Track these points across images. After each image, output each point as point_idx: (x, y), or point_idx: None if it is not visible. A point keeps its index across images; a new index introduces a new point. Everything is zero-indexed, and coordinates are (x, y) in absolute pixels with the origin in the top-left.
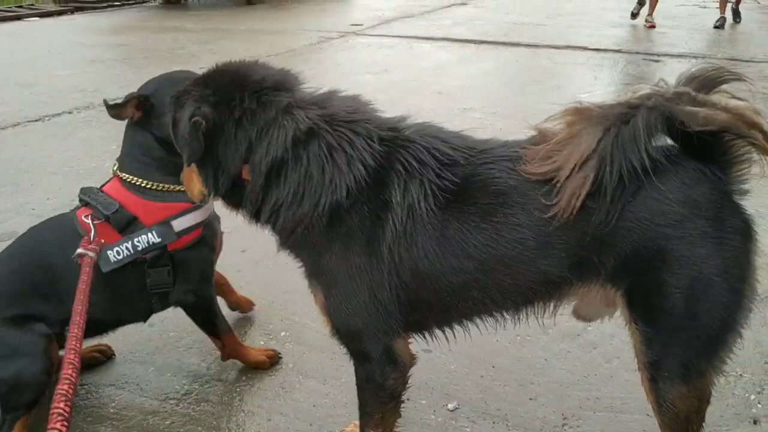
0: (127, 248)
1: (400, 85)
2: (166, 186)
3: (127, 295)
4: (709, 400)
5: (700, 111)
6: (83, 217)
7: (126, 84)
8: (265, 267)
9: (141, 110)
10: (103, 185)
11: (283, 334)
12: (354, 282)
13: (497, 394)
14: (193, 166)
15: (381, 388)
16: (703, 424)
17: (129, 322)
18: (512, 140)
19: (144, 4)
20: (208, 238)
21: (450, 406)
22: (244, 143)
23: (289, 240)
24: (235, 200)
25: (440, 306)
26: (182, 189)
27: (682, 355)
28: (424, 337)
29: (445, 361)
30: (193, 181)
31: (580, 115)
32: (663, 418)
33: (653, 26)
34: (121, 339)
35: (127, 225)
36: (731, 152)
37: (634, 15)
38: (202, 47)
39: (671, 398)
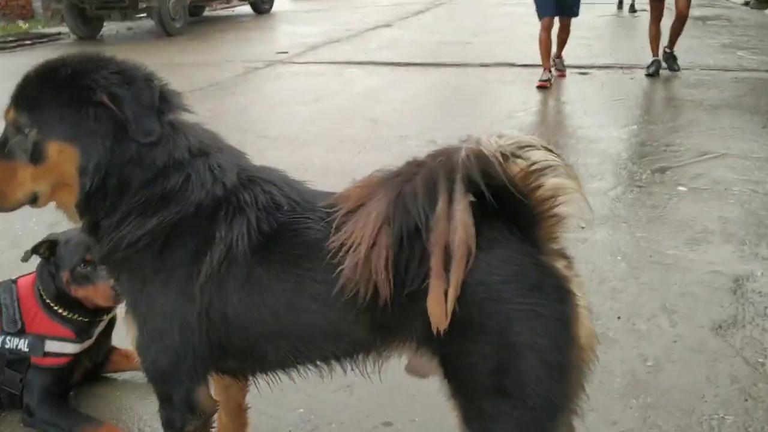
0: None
1: (333, 114)
2: (64, 311)
3: None
4: None
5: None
6: None
7: None
8: None
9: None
10: (24, 276)
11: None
12: (167, 321)
13: None
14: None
15: None
16: None
17: None
18: (334, 193)
19: (57, 41)
20: (67, 372)
21: None
22: None
23: (114, 257)
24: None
25: (253, 353)
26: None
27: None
28: (246, 380)
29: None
30: (18, 177)
31: (368, 181)
32: None
33: (563, 75)
34: None
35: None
36: (536, 208)
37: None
38: None
39: None
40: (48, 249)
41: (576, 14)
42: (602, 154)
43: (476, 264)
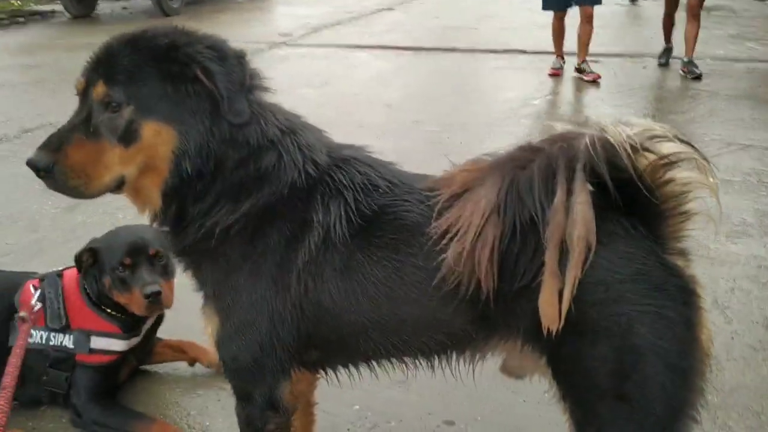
0: (41, 336)
1: (345, 98)
2: (108, 309)
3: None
4: None
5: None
6: (31, 286)
7: (43, 110)
8: None
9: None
10: (70, 268)
11: None
12: (254, 311)
13: None
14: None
15: None
16: None
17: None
18: (433, 175)
19: (51, 20)
20: (113, 369)
21: None
22: None
23: (200, 246)
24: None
25: (341, 345)
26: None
27: None
28: (326, 373)
29: None
30: (106, 158)
31: (475, 165)
32: None
33: (597, 77)
34: None
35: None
36: (662, 204)
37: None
38: None
39: None
40: (91, 257)
41: (599, 1)
42: None
43: (595, 261)
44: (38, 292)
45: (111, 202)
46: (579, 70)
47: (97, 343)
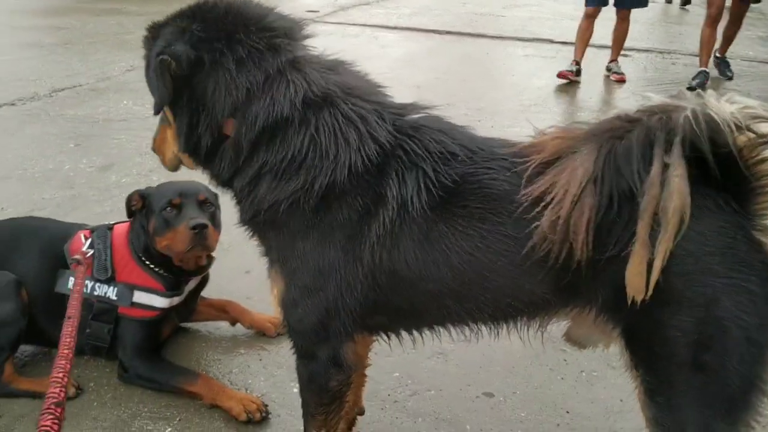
0: (87, 285)
1: (374, 77)
2: (153, 266)
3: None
4: None
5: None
6: (82, 236)
7: (73, 72)
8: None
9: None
10: (121, 222)
11: None
12: (322, 278)
13: None
14: (170, 124)
15: (324, 389)
16: None
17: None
18: (514, 141)
19: None
20: (156, 325)
21: None
22: (242, 89)
23: (261, 216)
24: (203, 156)
25: (411, 311)
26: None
27: (688, 413)
28: (388, 337)
29: (512, 407)
30: (167, 142)
31: (568, 133)
32: None
33: (623, 80)
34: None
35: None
36: (755, 181)
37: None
38: None
39: None
40: (140, 200)
41: (644, 4)
42: None
43: (686, 233)
44: (88, 242)
45: (145, 164)
46: (608, 68)
47: (140, 297)
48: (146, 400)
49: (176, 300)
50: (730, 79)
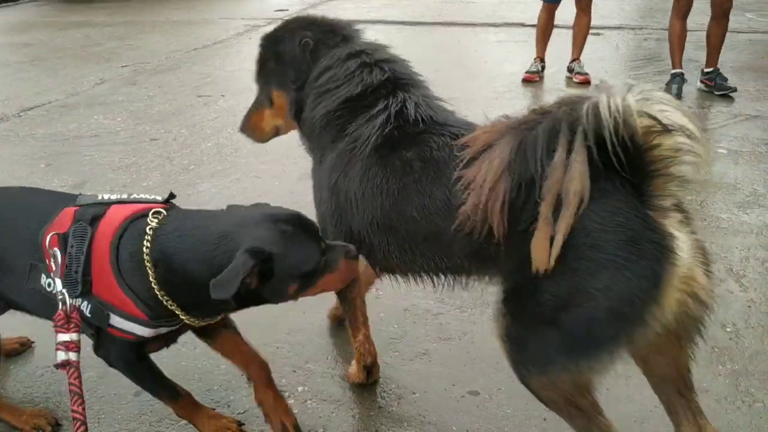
0: (60, 292)
1: None
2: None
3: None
4: (590, 391)
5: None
6: (48, 237)
7: (42, 89)
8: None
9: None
10: (110, 204)
11: (300, 389)
12: (319, 192)
13: None
14: (271, 104)
15: None
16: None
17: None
18: (467, 121)
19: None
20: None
21: None
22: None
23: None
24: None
25: (370, 243)
26: None
27: (539, 353)
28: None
29: (497, 404)
30: (264, 119)
31: (494, 127)
32: (541, 401)
33: (586, 81)
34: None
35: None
36: (651, 165)
37: None
38: (119, 43)
39: (534, 387)
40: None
41: None
42: None
43: (584, 211)
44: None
45: (118, 179)
46: (570, 69)
47: (118, 322)
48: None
49: (164, 330)
50: (732, 89)
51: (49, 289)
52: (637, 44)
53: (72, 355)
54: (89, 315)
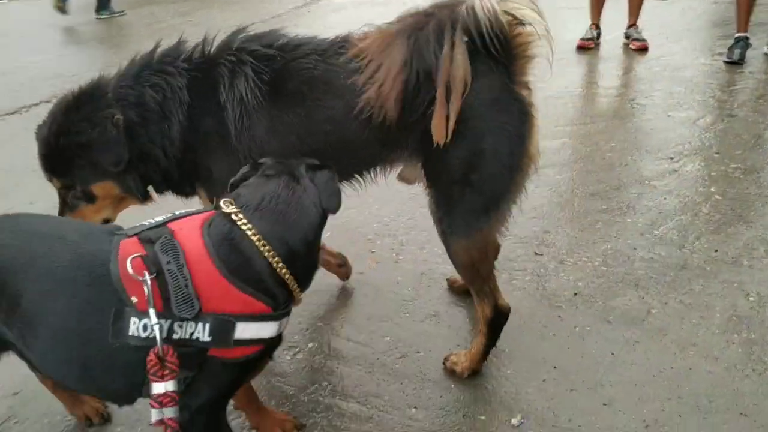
0: (161, 328)
1: None
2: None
3: (112, 376)
4: (497, 252)
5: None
6: (128, 262)
7: (109, 65)
8: None
9: None
10: (173, 220)
11: (310, 345)
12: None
13: (565, 402)
14: (83, 201)
15: None
16: (494, 269)
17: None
18: (324, 38)
19: None
20: (252, 365)
21: (514, 422)
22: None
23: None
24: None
25: None
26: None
27: (462, 214)
28: None
29: (499, 365)
30: (88, 216)
31: (387, 31)
32: (456, 265)
33: (644, 47)
34: None
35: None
36: (514, 50)
37: None
38: (182, 19)
39: (455, 249)
40: None
41: None
42: (689, 83)
43: (468, 91)
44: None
45: None
46: (627, 35)
47: (244, 331)
48: None
49: (285, 323)
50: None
51: (144, 334)
52: (704, 9)
53: (168, 412)
54: (209, 339)
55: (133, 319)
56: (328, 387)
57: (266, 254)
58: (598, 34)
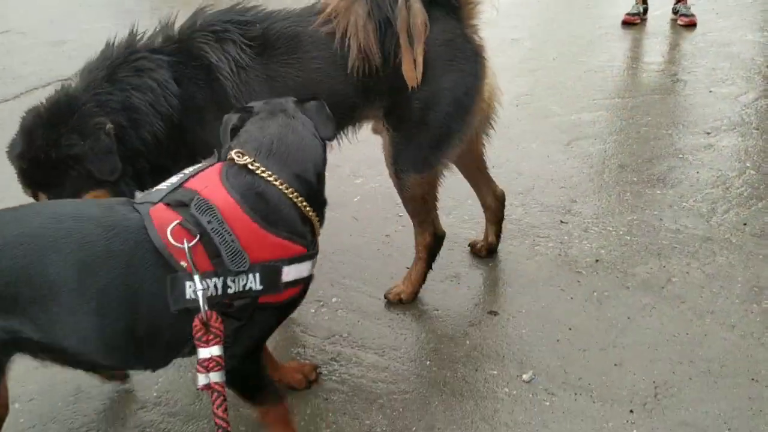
0: (216, 286)
1: None
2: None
3: (155, 340)
4: (436, 189)
5: None
6: (169, 232)
7: None
8: None
9: None
10: (187, 179)
11: (334, 300)
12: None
13: (577, 361)
14: None
15: None
16: (437, 202)
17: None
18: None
19: None
20: (293, 304)
21: (525, 377)
22: None
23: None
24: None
25: None
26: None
27: (417, 153)
28: None
29: (514, 324)
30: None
31: None
32: (406, 199)
33: (692, 23)
34: None
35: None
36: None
37: None
38: None
39: (409, 185)
40: None
41: None
42: (734, 59)
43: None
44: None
45: None
46: (675, 10)
47: (289, 273)
48: None
49: (315, 262)
50: None
51: (194, 297)
52: None
53: (214, 377)
54: (261, 287)
55: (188, 283)
56: (349, 338)
57: (291, 197)
58: (645, 9)
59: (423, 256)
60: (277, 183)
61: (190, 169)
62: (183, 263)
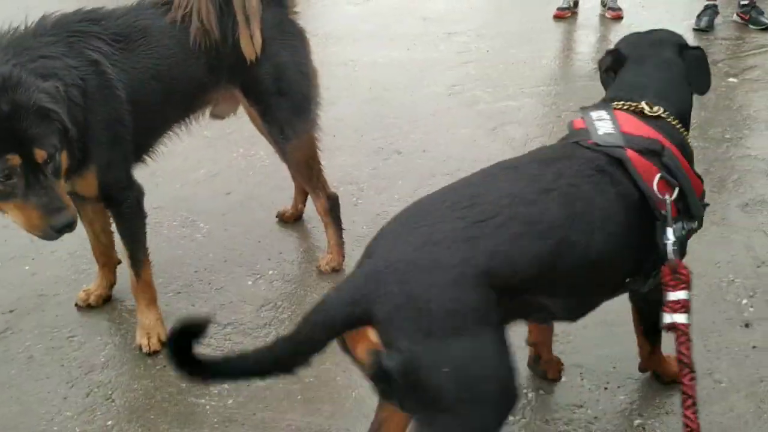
0: (682, 228)
1: (384, 13)
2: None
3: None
4: (315, 150)
5: None
6: (656, 181)
7: None
8: (249, 208)
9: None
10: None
11: (270, 272)
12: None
13: None
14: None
15: None
16: (322, 167)
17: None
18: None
19: None
20: None
21: None
22: None
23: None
24: None
25: (156, 121)
26: None
27: (286, 120)
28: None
29: None
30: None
31: None
32: (292, 167)
33: (619, 17)
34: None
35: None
36: None
37: None
38: None
39: (291, 152)
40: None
41: None
42: None
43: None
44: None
45: None
46: (603, 3)
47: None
48: None
49: None
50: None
51: (672, 239)
52: None
53: (679, 317)
54: (696, 224)
55: (669, 230)
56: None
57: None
58: (575, 3)
59: (328, 221)
60: (685, 134)
61: (596, 113)
62: (662, 211)
